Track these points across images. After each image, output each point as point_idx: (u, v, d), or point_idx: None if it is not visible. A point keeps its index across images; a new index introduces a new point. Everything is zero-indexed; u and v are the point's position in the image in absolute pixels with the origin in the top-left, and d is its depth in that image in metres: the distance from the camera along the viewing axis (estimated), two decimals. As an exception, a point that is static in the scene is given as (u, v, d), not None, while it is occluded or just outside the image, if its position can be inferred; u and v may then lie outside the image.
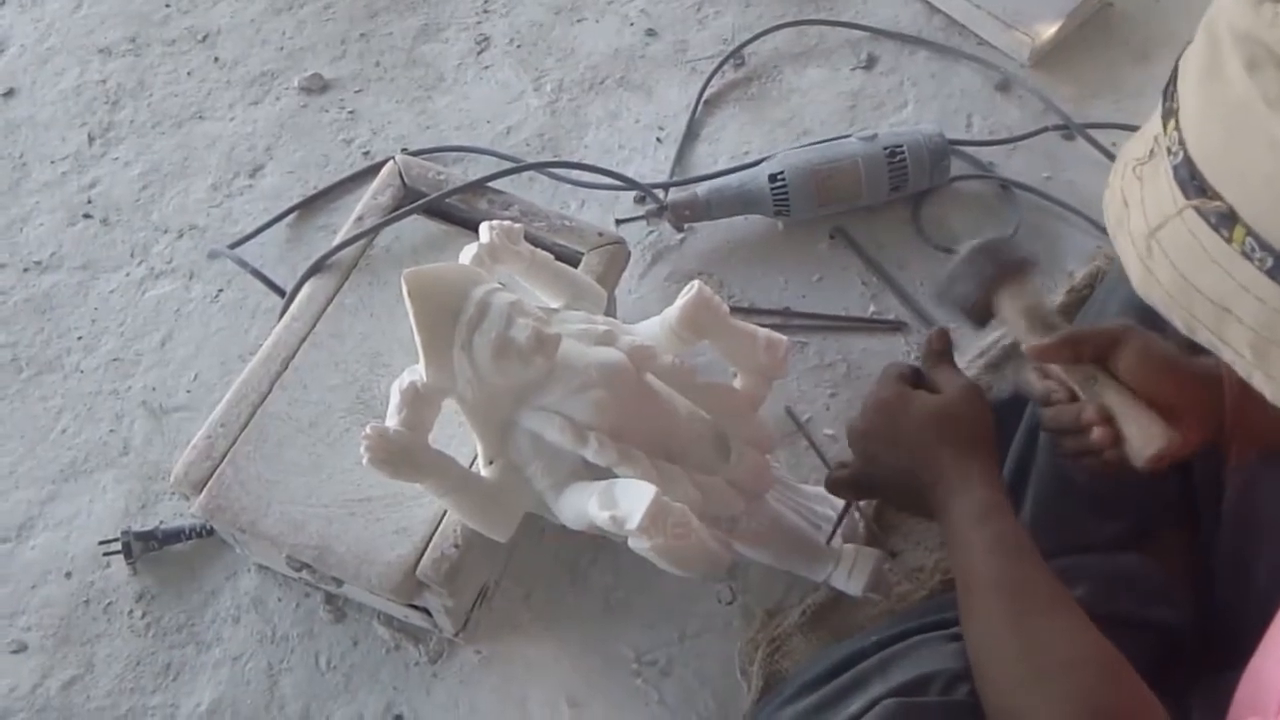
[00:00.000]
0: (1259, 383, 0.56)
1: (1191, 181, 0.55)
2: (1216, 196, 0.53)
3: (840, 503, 1.08)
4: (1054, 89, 1.46)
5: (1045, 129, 1.42)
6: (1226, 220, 0.53)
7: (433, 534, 0.98)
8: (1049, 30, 1.47)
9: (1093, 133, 1.41)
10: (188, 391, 1.27)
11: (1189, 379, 0.80)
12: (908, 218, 1.37)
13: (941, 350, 0.92)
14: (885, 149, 1.32)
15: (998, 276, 0.88)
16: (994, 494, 0.82)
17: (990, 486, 0.83)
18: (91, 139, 1.46)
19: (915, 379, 0.92)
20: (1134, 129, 1.38)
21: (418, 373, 0.92)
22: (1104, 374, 0.82)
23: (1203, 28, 0.57)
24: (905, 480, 0.88)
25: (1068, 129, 1.43)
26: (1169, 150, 0.56)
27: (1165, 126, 0.57)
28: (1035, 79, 1.47)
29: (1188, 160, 0.55)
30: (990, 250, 0.90)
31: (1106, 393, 0.82)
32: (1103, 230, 1.33)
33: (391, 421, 0.91)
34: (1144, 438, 0.79)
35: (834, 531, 1.03)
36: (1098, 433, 0.80)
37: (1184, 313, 0.58)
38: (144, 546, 1.16)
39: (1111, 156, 1.39)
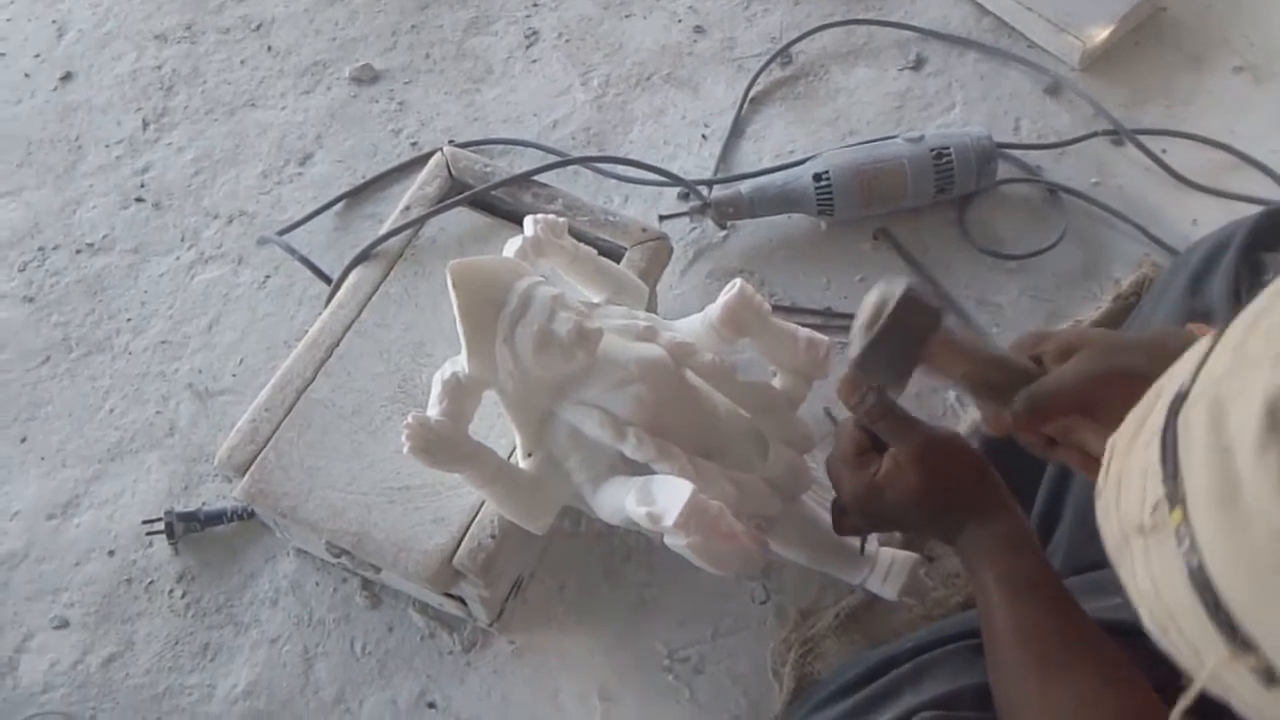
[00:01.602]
0: None
1: (1217, 612, 0.42)
2: (1251, 646, 0.41)
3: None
4: (1104, 93, 1.45)
5: (1094, 134, 1.41)
6: (1266, 677, 0.42)
7: (470, 524, 0.99)
8: (1100, 34, 1.45)
9: (1143, 139, 1.40)
10: (233, 375, 1.29)
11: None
12: (953, 220, 1.36)
13: (883, 413, 0.82)
14: (932, 150, 1.31)
15: (918, 344, 0.77)
16: (1005, 532, 0.78)
17: (1000, 523, 0.78)
18: (146, 124, 1.48)
19: (875, 442, 0.84)
20: (1185, 136, 1.39)
21: (459, 363, 0.92)
22: (1076, 420, 0.76)
23: (1204, 406, 0.43)
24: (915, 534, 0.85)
25: (1117, 134, 1.41)
26: (1178, 537, 0.44)
27: (1171, 509, 0.44)
28: (1085, 83, 1.46)
29: (1207, 579, 0.43)
30: (901, 316, 0.76)
31: (1087, 440, 0.75)
32: (1150, 237, 1.32)
33: (433, 411, 0.92)
34: None
35: (863, 544, 1.02)
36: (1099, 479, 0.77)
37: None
38: (186, 527, 1.17)
39: (1162, 164, 1.38)
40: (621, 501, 0.89)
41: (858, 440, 0.84)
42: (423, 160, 1.30)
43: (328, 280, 1.27)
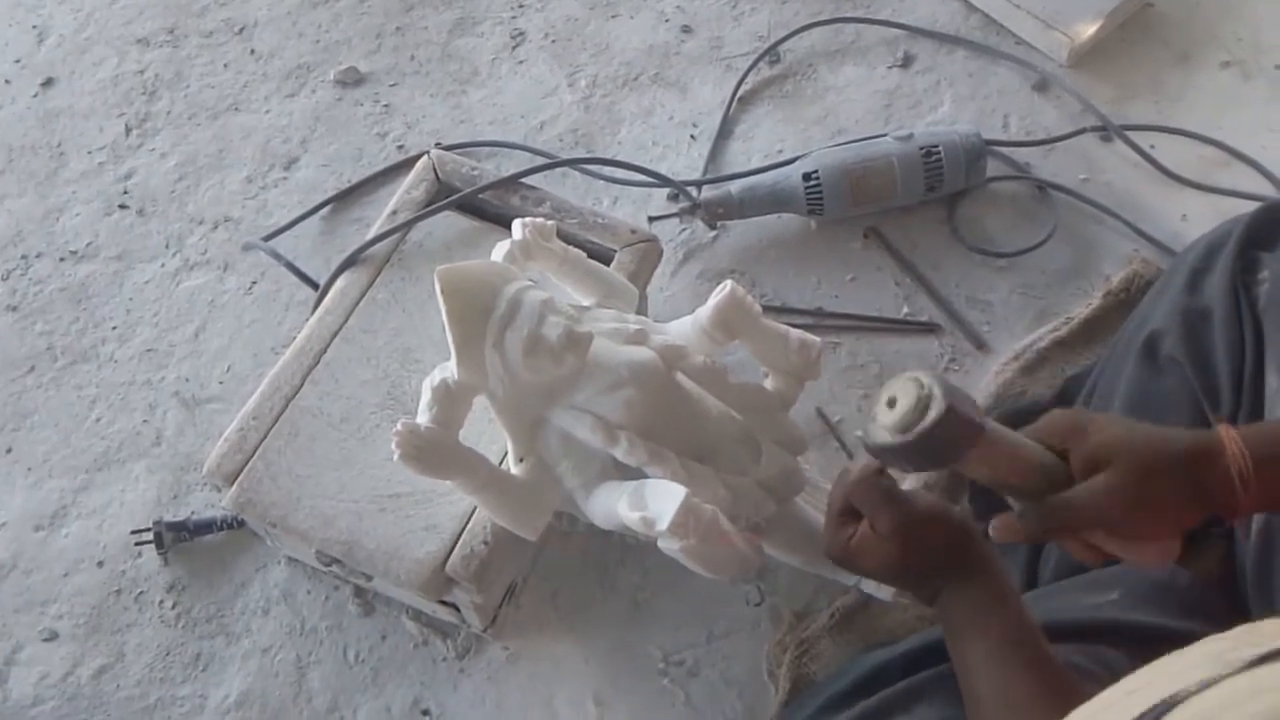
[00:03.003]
0: None
1: None
2: None
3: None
4: (1092, 90, 1.44)
5: (1083, 130, 1.40)
6: None
7: (462, 531, 0.98)
8: (1088, 30, 1.45)
9: (1131, 134, 1.39)
10: (220, 383, 1.28)
11: (1171, 490, 0.71)
12: (943, 218, 1.36)
13: (867, 489, 0.79)
14: (921, 149, 1.31)
15: (950, 459, 0.72)
16: (982, 597, 0.75)
17: (977, 589, 0.76)
18: (128, 129, 1.47)
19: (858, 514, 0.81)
20: (1173, 132, 1.40)
21: (449, 369, 0.92)
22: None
23: None
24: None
25: (1106, 130, 1.41)
26: None
27: None
28: (1074, 79, 1.46)
29: None
30: (939, 431, 0.70)
31: (1099, 541, 0.74)
32: (1139, 233, 1.32)
33: (422, 418, 0.91)
34: (1141, 562, 0.75)
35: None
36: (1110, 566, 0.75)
37: None
38: (175, 537, 1.16)
39: (1150, 160, 1.38)
40: (614, 506, 0.89)
41: (840, 501, 0.82)
42: (409, 163, 1.29)
43: (314, 286, 1.26)
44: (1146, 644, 0.74)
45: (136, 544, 1.17)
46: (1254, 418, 0.84)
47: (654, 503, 0.86)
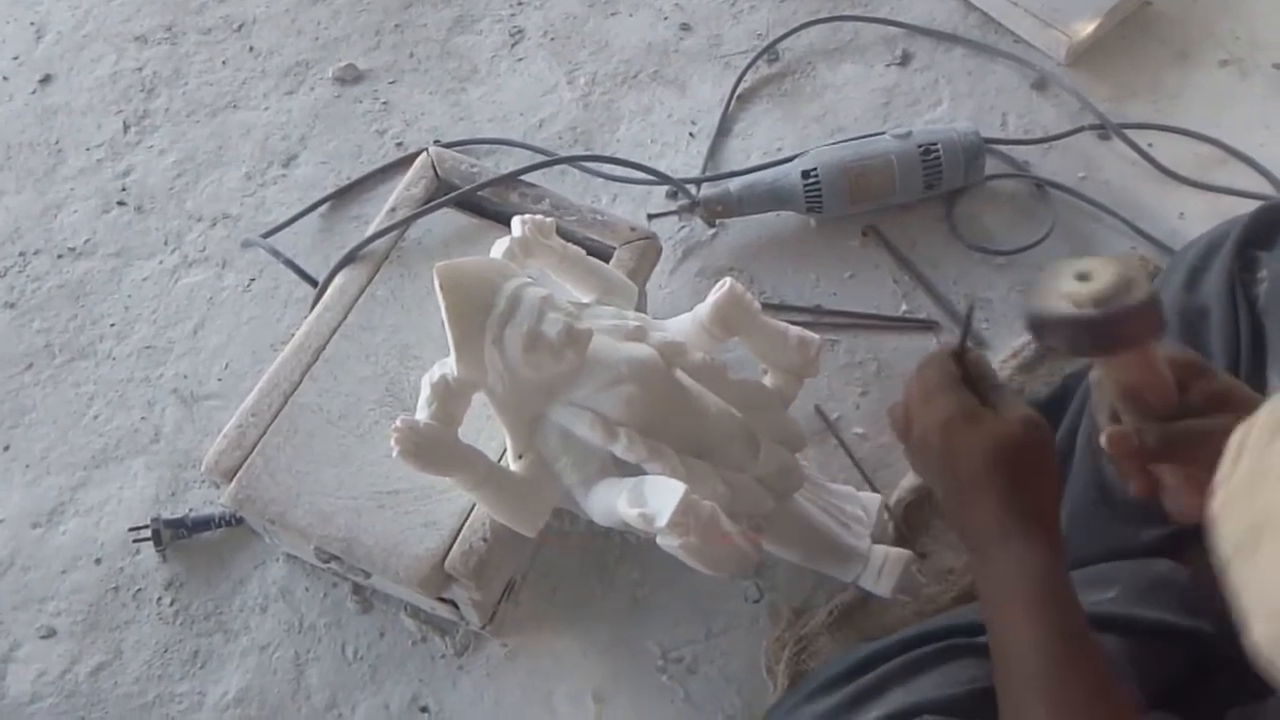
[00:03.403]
0: None
1: None
2: None
3: (873, 505, 1.08)
4: (1091, 88, 1.44)
5: (1081, 128, 1.40)
6: None
7: (461, 527, 0.98)
8: (1086, 29, 1.45)
9: (1129, 133, 1.39)
10: (219, 380, 1.28)
11: None
12: (941, 216, 1.36)
13: (982, 373, 0.78)
14: (920, 147, 1.31)
15: (1127, 344, 0.70)
16: (1052, 560, 0.72)
17: (1049, 550, 0.72)
18: (127, 126, 1.47)
19: (966, 377, 0.78)
20: (1171, 130, 1.39)
21: (448, 366, 0.92)
22: (1198, 468, 0.70)
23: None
24: (952, 504, 0.77)
25: (1104, 129, 1.41)
26: None
27: None
28: (1072, 78, 1.46)
29: None
30: (1138, 312, 0.67)
31: (1197, 480, 0.70)
32: (1137, 231, 1.32)
33: (421, 414, 0.91)
34: (1189, 508, 0.71)
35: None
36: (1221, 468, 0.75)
37: None
38: (173, 534, 1.16)
39: (1148, 158, 1.38)
40: (613, 503, 0.89)
41: (952, 371, 0.77)
42: (408, 161, 1.29)
43: (313, 283, 1.26)
44: (1146, 639, 0.75)
45: (134, 541, 1.17)
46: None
47: (653, 499, 0.86)
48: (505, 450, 0.95)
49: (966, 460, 0.74)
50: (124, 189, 1.42)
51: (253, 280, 1.34)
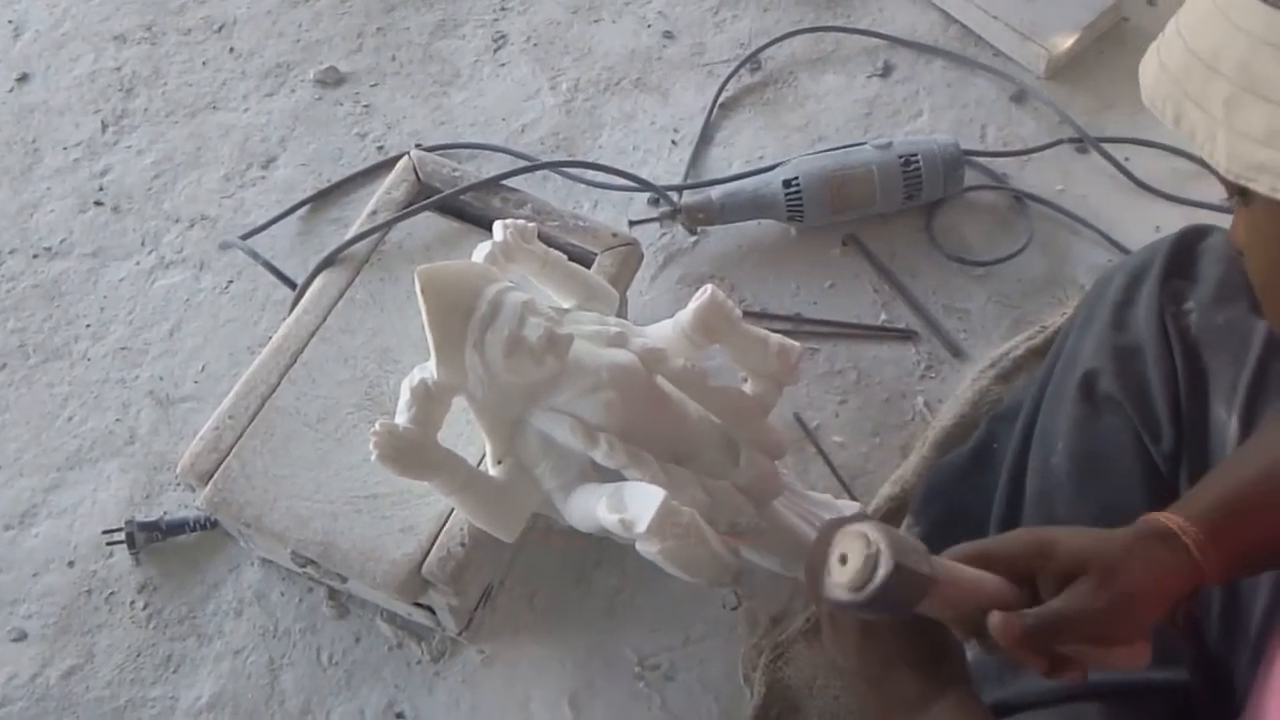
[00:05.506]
0: (1220, 146, 0.59)
1: None
2: None
3: (851, 513, 1.08)
4: (1069, 102, 1.46)
5: (1059, 141, 1.42)
6: None
7: (439, 532, 0.98)
8: (1065, 43, 1.46)
9: (1107, 146, 1.41)
10: (195, 382, 1.27)
11: (1151, 584, 0.68)
12: (921, 227, 1.36)
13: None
14: (900, 157, 1.32)
15: (904, 609, 0.68)
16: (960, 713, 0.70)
17: (968, 698, 0.71)
18: (105, 126, 1.46)
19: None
20: (1148, 144, 1.40)
21: (428, 370, 0.91)
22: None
23: None
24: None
25: (1082, 142, 1.42)
26: None
27: None
28: (1050, 91, 1.47)
29: None
30: (887, 591, 0.66)
31: (1084, 654, 0.70)
32: (1113, 243, 1.33)
33: (401, 418, 0.91)
34: (1118, 666, 0.71)
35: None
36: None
37: (1178, 95, 0.61)
38: (147, 537, 1.15)
39: (1125, 171, 1.39)
40: (592, 508, 0.89)
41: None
42: (389, 164, 1.29)
43: (292, 286, 1.25)
44: (1124, 699, 0.74)
45: (108, 544, 1.16)
46: (1197, 450, 0.83)
47: (633, 505, 0.86)
48: (485, 455, 0.95)
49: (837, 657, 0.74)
50: (101, 189, 1.41)
51: (231, 282, 1.34)
